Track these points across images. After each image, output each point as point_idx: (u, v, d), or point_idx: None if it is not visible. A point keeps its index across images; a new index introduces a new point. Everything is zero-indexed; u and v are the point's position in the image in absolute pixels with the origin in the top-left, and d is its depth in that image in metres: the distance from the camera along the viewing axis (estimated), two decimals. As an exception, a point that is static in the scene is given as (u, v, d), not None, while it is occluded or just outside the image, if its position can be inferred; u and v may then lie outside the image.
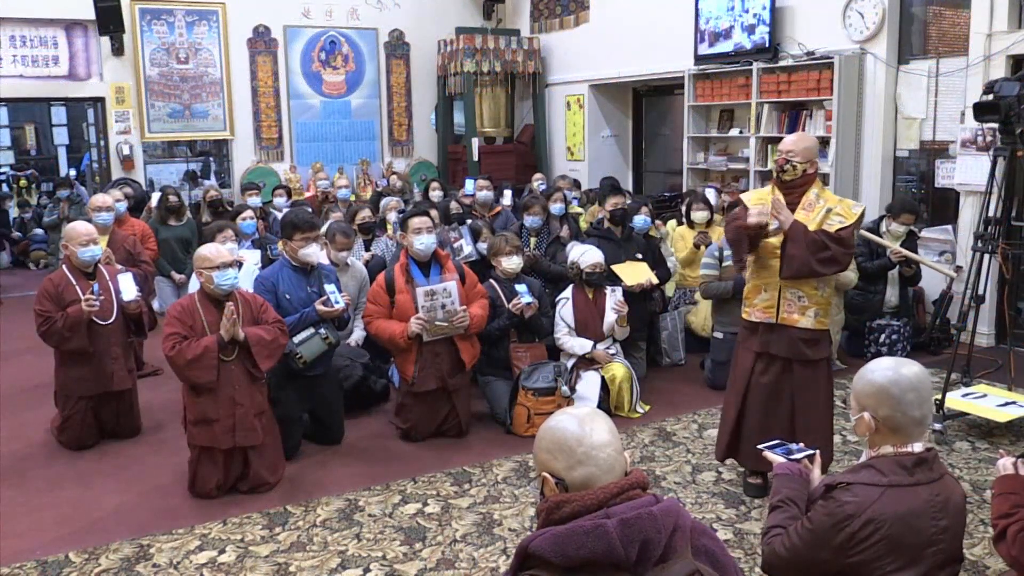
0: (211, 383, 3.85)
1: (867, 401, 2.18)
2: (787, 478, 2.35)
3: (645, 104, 10.60)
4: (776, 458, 2.41)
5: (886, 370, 2.17)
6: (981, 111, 4.65)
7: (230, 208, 7.86)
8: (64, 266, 4.59)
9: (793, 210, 3.60)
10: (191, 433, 3.96)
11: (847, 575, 2.12)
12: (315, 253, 4.51)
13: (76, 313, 4.37)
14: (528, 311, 4.80)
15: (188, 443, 4.00)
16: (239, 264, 4.25)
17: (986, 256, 4.77)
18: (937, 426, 4.53)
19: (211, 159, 10.55)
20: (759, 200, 3.69)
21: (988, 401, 4.60)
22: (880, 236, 5.92)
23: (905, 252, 5.62)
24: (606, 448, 1.60)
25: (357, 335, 5.30)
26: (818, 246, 3.48)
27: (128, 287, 4.58)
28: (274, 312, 4.16)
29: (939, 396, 4.59)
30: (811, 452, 2.43)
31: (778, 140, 7.64)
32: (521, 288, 4.85)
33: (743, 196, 3.88)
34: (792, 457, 2.40)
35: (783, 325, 3.65)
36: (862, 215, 3.62)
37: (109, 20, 9.03)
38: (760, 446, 2.56)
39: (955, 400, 4.63)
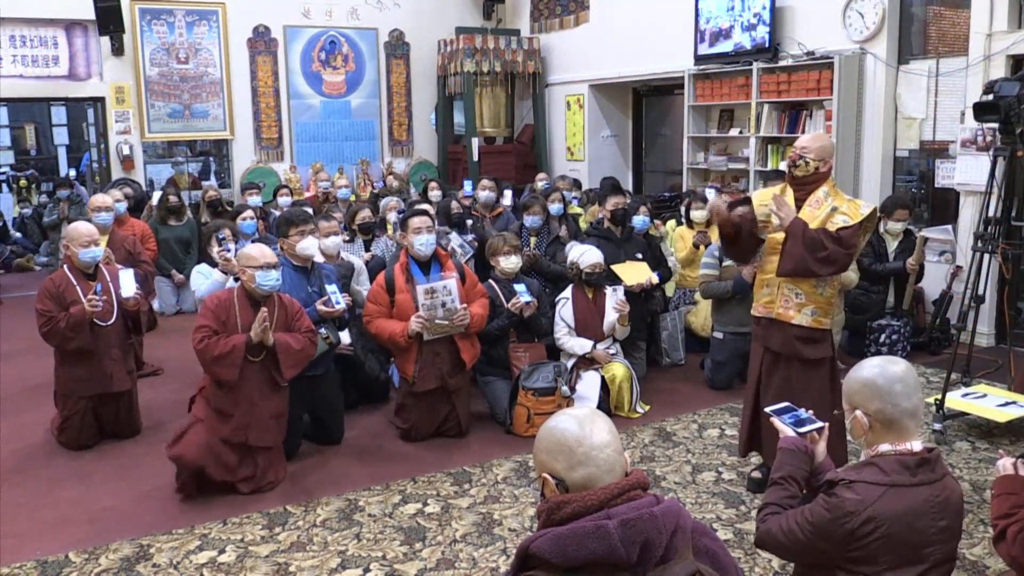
0: (233, 381, 3.86)
1: (856, 398, 2.21)
2: (791, 453, 2.35)
3: (645, 104, 10.60)
4: (784, 428, 2.41)
5: (872, 367, 2.23)
6: (981, 111, 4.65)
7: (230, 208, 7.88)
8: (65, 266, 4.58)
9: (800, 207, 3.61)
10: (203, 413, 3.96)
11: (845, 569, 2.13)
12: (312, 246, 4.52)
13: (79, 313, 4.37)
14: (527, 310, 4.80)
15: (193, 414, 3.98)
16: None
17: (986, 256, 4.77)
18: (937, 426, 4.53)
19: (211, 159, 10.56)
20: (767, 199, 3.69)
21: (988, 401, 4.60)
22: (882, 237, 5.94)
23: (916, 267, 5.79)
24: (606, 448, 1.60)
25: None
26: (816, 245, 3.48)
27: (127, 284, 4.58)
28: (308, 320, 4.15)
29: (939, 396, 4.59)
30: (820, 425, 2.41)
31: (778, 140, 7.69)
32: (520, 288, 4.85)
33: (752, 195, 3.90)
34: (800, 430, 2.38)
35: (780, 321, 3.67)
36: (871, 216, 3.58)
37: (109, 20, 9.04)
38: (767, 408, 2.56)
39: (955, 400, 4.62)
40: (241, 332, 3.90)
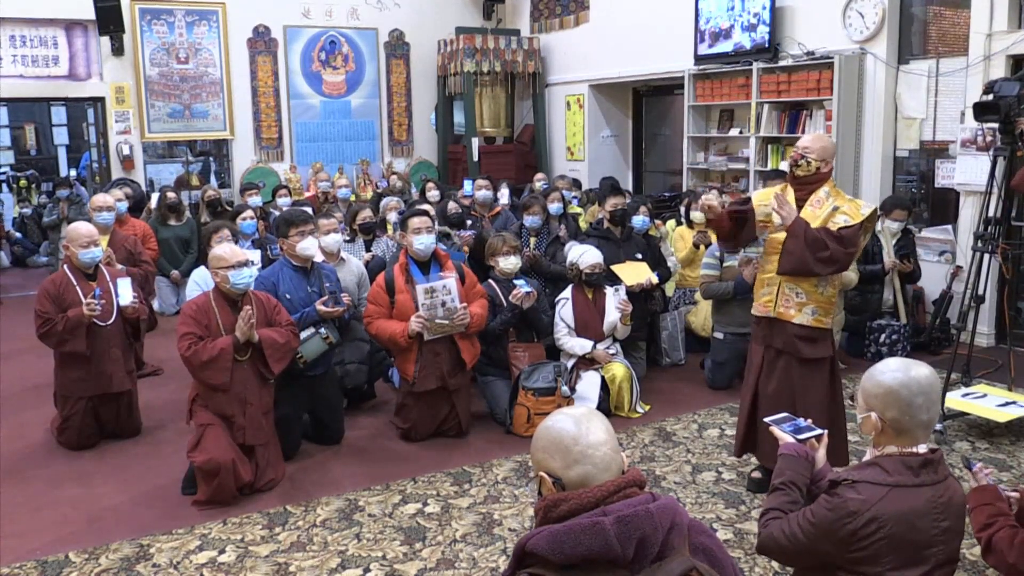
0: (225, 385, 3.86)
1: (875, 402, 2.17)
2: (792, 459, 2.35)
3: (645, 104, 10.60)
4: (783, 436, 2.41)
5: (896, 372, 2.15)
6: (981, 111, 4.65)
7: (229, 208, 7.88)
8: (65, 266, 4.58)
9: (801, 207, 3.61)
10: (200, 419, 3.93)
11: (847, 570, 2.13)
12: (313, 246, 4.52)
13: (77, 316, 4.37)
14: (528, 300, 4.79)
15: (196, 423, 3.95)
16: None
17: (986, 256, 4.77)
18: (937, 426, 4.53)
19: (211, 159, 10.56)
20: (767, 198, 3.70)
21: (988, 401, 4.60)
22: (878, 236, 5.94)
23: (896, 263, 5.86)
24: (602, 447, 1.61)
25: None
26: (818, 244, 3.48)
27: (125, 292, 4.58)
28: (287, 313, 4.17)
29: (941, 395, 4.60)
30: (819, 432, 2.42)
31: (778, 140, 7.69)
32: (519, 282, 4.86)
33: (752, 195, 3.91)
34: (799, 437, 2.39)
35: (780, 320, 3.67)
36: (872, 216, 3.59)
37: (109, 20, 9.04)
38: (767, 419, 2.56)
39: (955, 400, 4.63)
40: (223, 334, 3.90)
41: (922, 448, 2.16)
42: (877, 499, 2.08)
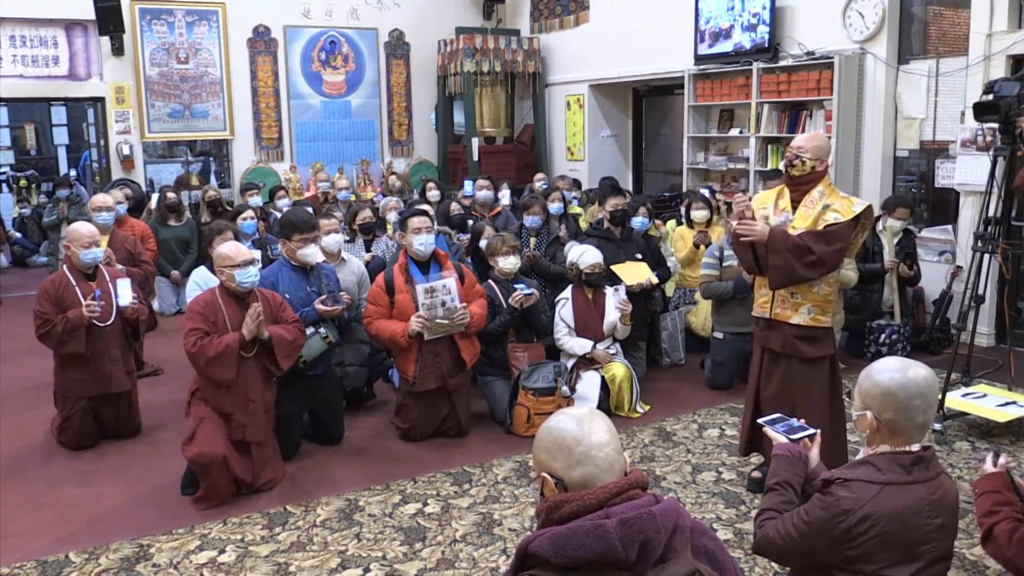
0: (230, 381, 3.86)
1: (871, 402, 2.17)
2: (785, 460, 2.36)
3: (645, 104, 10.60)
4: (777, 436, 2.42)
5: (894, 372, 2.14)
6: (981, 111, 4.65)
7: (230, 208, 7.88)
8: (65, 266, 4.58)
9: (796, 207, 3.60)
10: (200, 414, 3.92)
11: (842, 569, 2.14)
12: (314, 254, 4.52)
13: (76, 317, 4.37)
14: (528, 302, 4.79)
15: (193, 416, 3.93)
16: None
17: (986, 256, 4.77)
18: (937, 426, 4.53)
19: (211, 159, 10.56)
20: (765, 202, 3.70)
21: (988, 401, 4.60)
22: (879, 235, 5.94)
23: (897, 263, 5.87)
24: (605, 448, 1.60)
25: None
26: (801, 251, 3.45)
27: (125, 292, 4.58)
28: (292, 311, 4.18)
29: (939, 396, 4.59)
30: (812, 432, 2.43)
31: (778, 140, 7.69)
32: (520, 286, 4.86)
33: (753, 198, 3.90)
34: (792, 437, 2.40)
35: (778, 321, 3.67)
36: (864, 213, 3.55)
37: (109, 20, 9.04)
38: (760, 420, 2.56)
39: (955, 400, 4.63)
40: (230, 330, 3.90)
41: (915, 446, 2.16)
42: (870, 497, 2.09)
